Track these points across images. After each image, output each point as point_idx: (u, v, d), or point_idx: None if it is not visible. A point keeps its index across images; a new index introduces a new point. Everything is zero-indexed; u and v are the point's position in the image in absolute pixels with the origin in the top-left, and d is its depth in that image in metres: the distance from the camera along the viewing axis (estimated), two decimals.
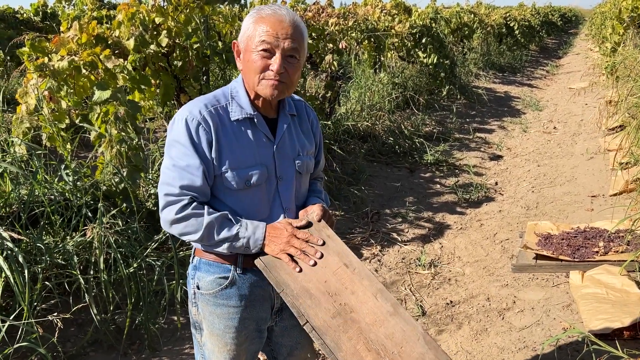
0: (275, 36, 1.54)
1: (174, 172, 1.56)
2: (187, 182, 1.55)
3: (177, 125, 1.57)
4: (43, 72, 3.22)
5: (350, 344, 1.50)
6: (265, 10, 1.58)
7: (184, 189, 1.55)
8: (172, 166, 1.56)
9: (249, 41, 1.57)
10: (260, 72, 1.56)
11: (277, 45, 1.54)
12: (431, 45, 8.90)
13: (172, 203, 1.55)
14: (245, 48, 1.59)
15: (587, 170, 5.76)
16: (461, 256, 4.12)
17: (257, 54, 1.55)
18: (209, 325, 1.71)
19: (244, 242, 1.56)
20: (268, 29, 1.54)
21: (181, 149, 1.55)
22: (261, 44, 1.54)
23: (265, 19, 1.56)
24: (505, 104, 10.23)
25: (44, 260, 2.63)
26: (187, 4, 3.96)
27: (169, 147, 1.59)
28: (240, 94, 1.64)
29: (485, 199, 5.34)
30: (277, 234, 1.59)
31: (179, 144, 1.56)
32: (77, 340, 2.79)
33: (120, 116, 3.15)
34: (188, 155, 1.55)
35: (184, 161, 1.55)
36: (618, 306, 2.91)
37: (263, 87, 1.58)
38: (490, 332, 3.07)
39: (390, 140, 6.69)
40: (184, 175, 1.55)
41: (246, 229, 1.57)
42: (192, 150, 1.54)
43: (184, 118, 1.56)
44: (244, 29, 1.60)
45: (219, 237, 1.55)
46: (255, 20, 1.57)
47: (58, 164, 3.16)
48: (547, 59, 18.19)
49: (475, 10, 14.06)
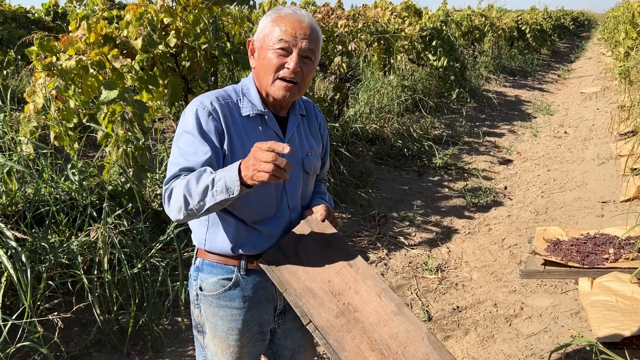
0: (294, 35, 1.53)
1: (180, 161, 1.52)
2: (191, 164, 1.50)
3: (187, 115, 1.56)
4: (51, 71, 3.22)
5: (354, 344, 1.49)
6: (285, 10, 1.59)
7: (183, 170, 1.50)
8: (179, 156, 1.53)
9: (265, 39, 1.57)
10: (275, 71, 1.55)
11: (295, 44, 1.54)
12: (441, 48, 8.85)
13: (167, 189, 1.50)
14: (261, 46, 1.58)
15: (597, 176, 5.69)
16: (469, 261, 4.08)
17: (273, 51, 1.54)
18: (212, 327, 1.69)
19: (222, 183, 1.40)
20: (287, 28, 1.54)
21: (190, 137, 1.53)
22: (279, 42, 1.53)
23: (284, 18, 1.56)
24: (515, 108, 10.16)
25: (48, 259, 2.62)
26: (196, 5, 3.95)
27: (178, 138, 1.57)
28: (251, 91, 1.64)
29: (494, 203, 5.29)
30: (246, 160, 1.40)
31: (188, 133, 1.54)
32: (80, 340, 2.78)
33: (127, 116, 3.14)
34: (196, 143, 1.52)
35: (191, 149, 1.52)
36: (628, 314, 2.86)
37: (276, 88, 1.57)
38: (497, 339, 3.03)
39: (399, 143, 6.65)
40: (189, 159, 1.51)
41: (222, 172, 1.43)
42: (200, 138, 1.52)
43: (194, 108, 1.55)
44: (261, 27, 1.60)
45: (201, 189, 1.42)
46: (274, 19, 1.57)
47: (64, 163, 3.16)
48: (558, 63, 18.05)
49: (486, 14, 13.99)
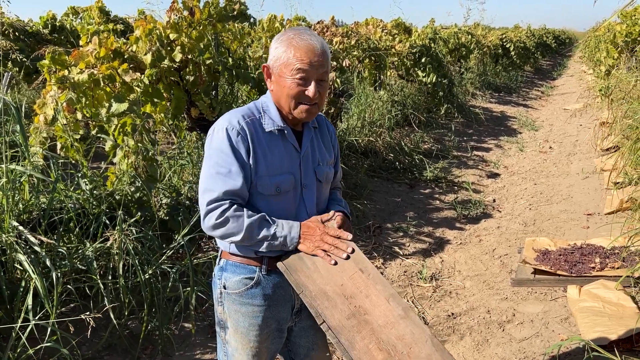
0: (310, 64, 1.66)
1: (216, 179, 1.67)
2: (230, 187, 1.66)
3: (218, 134, 1.69)
4: (63, 84, 3.34)
5: (363, 344, 1.60)
6: (297, 39, 1.67)
7: (227, 194, 1.66)
8: (215, 174, 1.67)
9: (283, 67, 1.68)
10: (297, 99, 1.69)
11: (312, 72, 1.67)
12: (430, 64, 9.11)
13: (214, 209, 1.66)
14: (279, 73, 1.70)
15: (582, 189, 5.92)
16: (461, 270, 4.23)
17: (292, 80, 1.67)
18: (234, 323, 1.82)
19: (282, 240, 1.68)
20: (302, 57, 1.65)
21: (223, 156, 1.67)
22: (297, 72, 1.66)
23: (298, 47, 1.66)
24: (501, 124, 10.43)
25: (65, 264, 2.72)
26: (200, 21, 4.10)
27: (210, 156, 1.70)
28: (271, 108, 1.77)
29: (483, 215, 5.47)
30: (311, 232, 1.71)
31: (220, 151, 1.67)
32: (92, 344, 2.87)
33: (137, 128, 3.26)
34: (229, 162, 1.66)
35: (226, 168, 1.66)
36: (614, 319, 3.03)
37: (300, 111, 1.72)
38: (491, 343, 3.17)
39: (391, 156, 6.83)
40: (226, 181, 1.66)
41: (282, 228, 1.69)
42: (232, 157, 1.66)
43: (224, 128, 1.68)
44: (276, 54, 1.70)
45: (259, 237, 1.67)
46: (287, 47, 1.67)
47: (76, 173, 3.26)
48: (542, 80, 18.50)
49: (472, 32, 14.35)
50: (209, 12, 4.11)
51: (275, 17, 5.88)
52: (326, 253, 1.70)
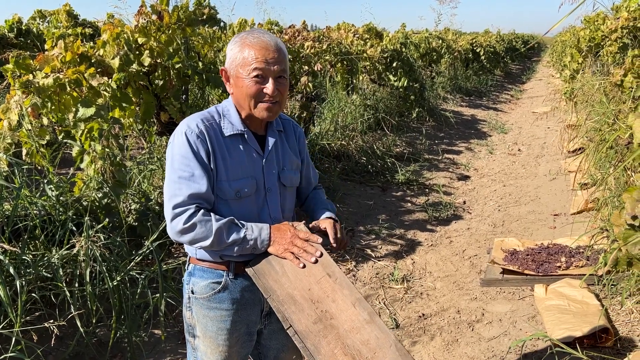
0: (266, 62, 1.66)
1: (180, 183, 1.66)
2: (195, 190, 1.65)
3: (178, 139, 1.69)
4: (28, 89, 3.27)
5: (329, 348, 1.61)
6: (250, 38, 1.69)
7: (192, 197, 1.65)
8: (177, 178, 1.66)
9: (239, 68, 1.69)
10: (256, 98, 1.70)
11: (269, 69, 1.67)
12: (401, 69, 9.21)
13: (180, 213, 1.65)
14: (236, 75, 1.71)
15: (549, 190, 6.05)
16: (432, 271, 4.29)
17: (250, 80, 1.67)
18: (202, 328, 1.81)
19: (252, 243, 1.68)
20: (257, 55, 1.66)
21: (184, 161, 1.66)
22: (253, 71, 1.66)
23: (252, 46, 1.67)
24: (472, 127, 10.60)
25: (29, 272, 2.66)
26: (169, 25, 4.07)
27: (172, 161, 1.69)
28: (231, 112, 1.77)
29: (454, 217, 5.55)
30: (281, 235, 1.71)
31: (181, 156, 1.67)
32: (59, 353, 2.81)
33: (104, 133, 3.22)
34: (192, 165, 1.66)
35: (188, 172, 1.66)
36: (579, 317, 3.10)
37: (260, 110, 1.71)
38: (461, 343, 3.22)
39: (363, 160, 6.88)
40: (190, 185, 1.65)
41: (252, 231, 1.69)
42: (194, 160, 1.66)
43: (183, 132, 1.68)
44: (231, 56, 1.71)
45: (229, 241, 1.66)
46: (241, 48, 1.68)
47: (42, 179, 3.20)
48: (511, 84, 18.87)
49: (443, 36, 14.56)
50: (178, 16, 4.08)
51: (245, 22, 5.87)
52: (295, 256, 1.70)
